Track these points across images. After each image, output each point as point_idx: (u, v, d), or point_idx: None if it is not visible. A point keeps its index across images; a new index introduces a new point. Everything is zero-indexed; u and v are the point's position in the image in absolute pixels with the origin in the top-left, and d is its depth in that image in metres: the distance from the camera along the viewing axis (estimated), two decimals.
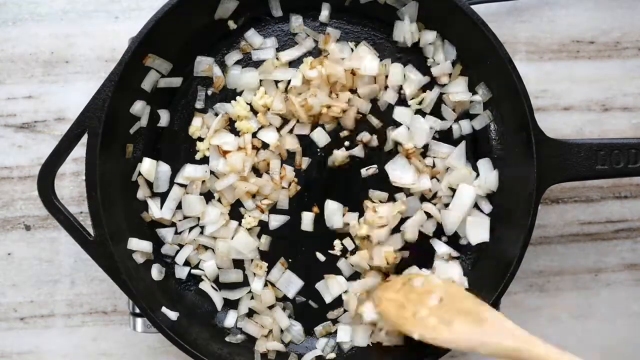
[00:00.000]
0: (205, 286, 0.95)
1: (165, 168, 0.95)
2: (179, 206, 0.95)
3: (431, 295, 0.84)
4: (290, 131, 0.94)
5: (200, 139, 0.95)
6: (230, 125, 0.95)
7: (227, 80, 0.94)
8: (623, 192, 1.03)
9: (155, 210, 0.94)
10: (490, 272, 0.92)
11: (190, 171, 0.94)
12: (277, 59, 0.95)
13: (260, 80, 0.94)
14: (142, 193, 0.94)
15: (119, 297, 1.00)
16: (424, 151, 0.95)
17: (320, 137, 0.95)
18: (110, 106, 0.87)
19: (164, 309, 0.91)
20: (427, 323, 0.81)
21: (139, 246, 0.92)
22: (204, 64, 0.94)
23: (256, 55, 0.95)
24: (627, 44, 1.03)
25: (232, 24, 0.95)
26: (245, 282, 0.96)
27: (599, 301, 1.04)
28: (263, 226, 0.95)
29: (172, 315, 0.91)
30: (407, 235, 0.94)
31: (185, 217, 0.95)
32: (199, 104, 0.95)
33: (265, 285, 0.96)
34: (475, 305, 0.82)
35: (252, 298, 0.96)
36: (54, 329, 1.01)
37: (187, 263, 0.96)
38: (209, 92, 0.95)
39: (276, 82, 0.95)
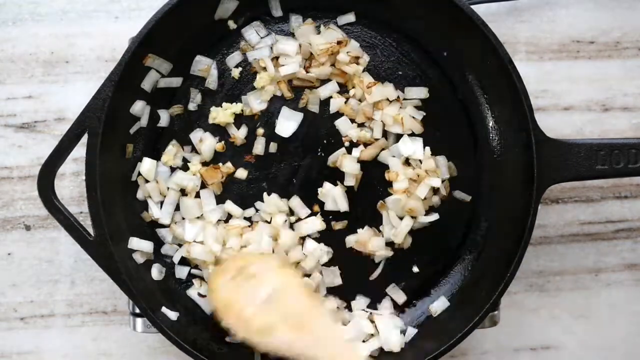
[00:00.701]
0: (192, 293, 0.95)
1: (164, 168, 0.95)
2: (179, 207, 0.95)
3: (261, 289, 0.78)
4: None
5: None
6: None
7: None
8: (623, 192, 1.03)
9: (155, 210, 0.94)
10: (491, 272, 0.92)
11: (180, 177, 0.94)
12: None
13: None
14: (142, 193, 0.94)
15: (119, 297, 1.00)
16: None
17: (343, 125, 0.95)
18: (110, 106, 0.87)
19: (164, 309, 0.91)
20: (251, 326, 0.77)
21: (139, 246, 0.92)
22: (202, 64, 0.94)
23: (252, 55, 0.95)
24: (627, 44, 1.03)
25: (232, 24, 0.95)
26: None
27: (599, 301, 1.04)
28: None
29: (172, 315, 0.91)
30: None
31: (184, 218, 0.95)
32: (192, 106, 0.95)
33: None
34: (305, 306, 0.77)
35: None
36: (54, 329, 1.01)
37: (187, 263, 0.96)
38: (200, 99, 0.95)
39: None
